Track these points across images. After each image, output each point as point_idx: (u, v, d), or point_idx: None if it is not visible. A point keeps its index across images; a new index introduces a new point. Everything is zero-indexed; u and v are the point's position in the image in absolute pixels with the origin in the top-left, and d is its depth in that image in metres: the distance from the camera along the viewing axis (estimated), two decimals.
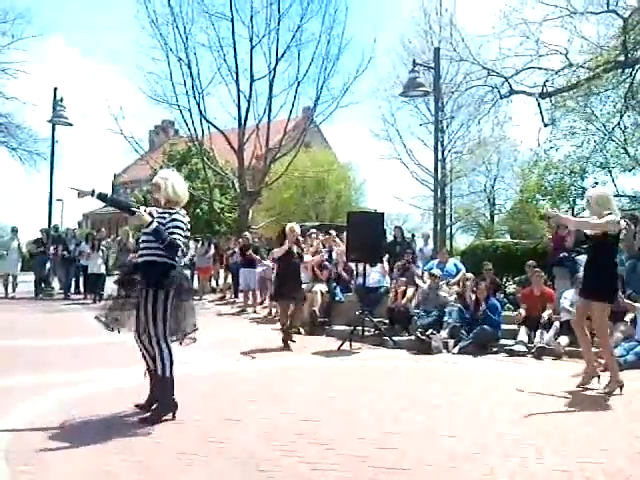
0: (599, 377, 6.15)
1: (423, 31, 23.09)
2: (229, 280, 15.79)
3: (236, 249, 14.70)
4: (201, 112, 20.41)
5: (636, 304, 7.85)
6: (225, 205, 25.35)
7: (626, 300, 8.01)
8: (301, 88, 20.43)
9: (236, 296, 15.00)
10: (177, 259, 4.78)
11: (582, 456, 3.90)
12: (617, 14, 15.53)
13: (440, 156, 20.88)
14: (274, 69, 20.16)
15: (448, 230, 27.96)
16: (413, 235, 14.53)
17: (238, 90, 20.24)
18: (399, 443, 4.14)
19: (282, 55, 20.10)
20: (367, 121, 36.51)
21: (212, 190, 23.53)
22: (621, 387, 5.90)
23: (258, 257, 13.55)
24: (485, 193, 33.60)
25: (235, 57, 19.92)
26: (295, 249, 9.15)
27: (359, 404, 5.32)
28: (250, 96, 20.26)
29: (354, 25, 45.30)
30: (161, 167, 24.58)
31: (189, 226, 4.82)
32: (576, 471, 3.63)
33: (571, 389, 6.05)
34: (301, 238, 10.06)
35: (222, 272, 16.46)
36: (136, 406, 4.76)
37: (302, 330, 10.49)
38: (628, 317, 7.99)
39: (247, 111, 20.42)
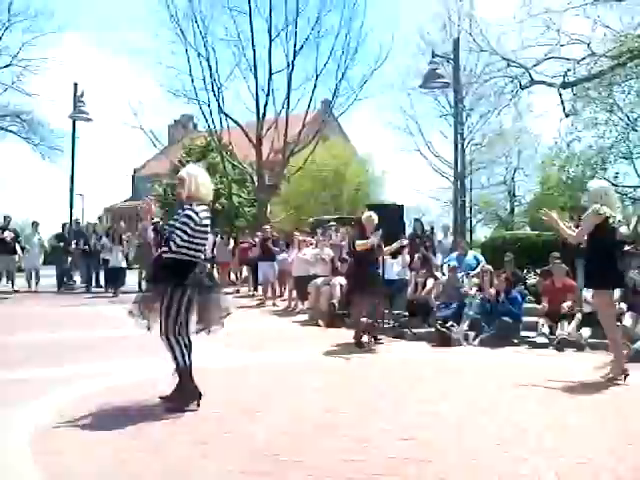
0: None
1: (442, 22, 22.89)
2: (244, 274, 15.85)
3: (256, 242, 14.72)
4: (220, 106, 20.53)
5: None
6: (244, 199, 25.44)
7: None
8: (319, 81, 20.48)
9: (255, 289, 15.05)
10: (200, 255, 4.75)
11: (599, 449, 3.85)
12: None
13: (460, 148, 20.72)
14: (292, 62, 20.19)
15: (468, 222, 27.75)
16: (432, 228, 14.40)
17: (257, 84, 20.32)
18: (421, 434, 4.11)
19: (301, 48, 20.13)
20: (386, 113, 36.46)
21: (231, 184, 23.62)
22: (625, 376, 5.84)
23: (277, 249, 13.58)
24: (505, 185, 33.28)
25: (254, 51, 20.01)
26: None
27: (378, 395, 5.31)
28: (269, 90, 20.33)
29: (372, 17, 45.00)
30: (180, 162, 24.90)
31: (208, 222, 4.78)
32: (599, 464, 3.58)
33: (594, 380, 5.98)
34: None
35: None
36: (160, 397, 4.79)
37: (321, 322, 10.52)
38: None
39: (266, 105, 20.48)
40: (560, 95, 17.00)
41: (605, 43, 16.02)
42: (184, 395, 4.69)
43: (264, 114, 20.69)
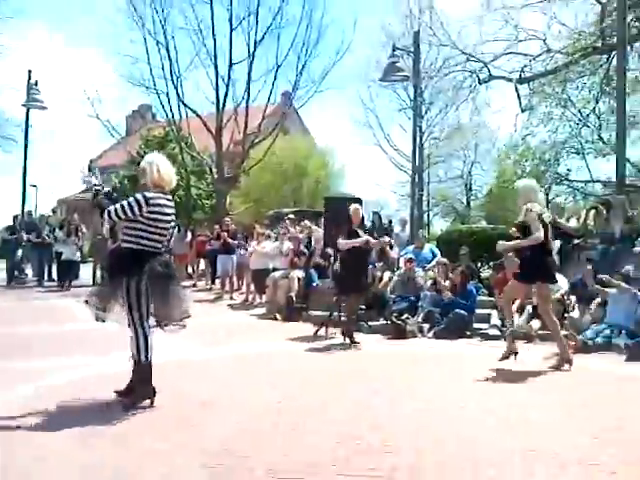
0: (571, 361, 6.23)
1: (403, 14, 22.96)
2: (202, 267, 15.70)
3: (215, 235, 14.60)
4: (179, 96, 20.24)
5: (606, 289, 7.95)
6: (202, 191, 25.17)
7: (596, 285, 8.13)
8: (280, 72, 20.35)
9: (213, 283, 14.93)
10: (158, 245, 4.66)
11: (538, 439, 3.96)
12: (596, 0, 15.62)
13: (418, 142, 20.92)
14: (253, 53, 20.01)
15: (426, 216, 28.09)
16: (390, 221, 14.56)
17: (217, 74, 20.07)
18: (378, 426, 4.14)
19: (262, 39, 19.94)
20: (347, 106, 36.48)
21: (189, 176, 23.33)
22: (570, 364, 6.12)
23: (236, 242, 13.50)
24: (462, 179, 33.77)
25: (214, 41, 19.74)
26: (362, 233, 8.23)
27: (335, 389, 5.32)
28: (229, 80, 20.11)
29: (334, 9, 44.95)
30: (137, 152, 24.47)
31: (167, 210, 4.68)
32: (546, 453, 3.68)
33: (543, 370, 6.14)
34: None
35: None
36: (115, 392, 4.71)
37: (278, 316, 10.52)
38: (596, 301, 8.09)
39: (225, 95, 20.27)
40: (517, 90, 17.32)
41: (560, 40, 16.40)
42: (138, 391, 4.61)
43: (224, 105, 20.48)
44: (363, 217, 8.49)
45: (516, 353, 6.29)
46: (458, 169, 33.18)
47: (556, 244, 9.57)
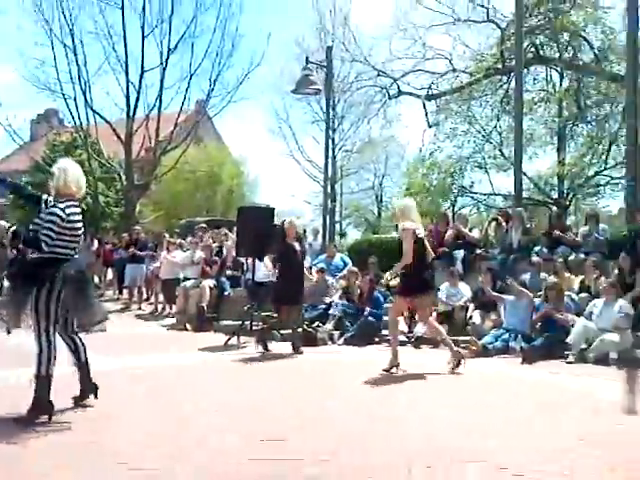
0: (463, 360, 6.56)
1: (317, 29, 23.38)
2: (109, 276, 15.24)
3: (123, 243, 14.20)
4: (87, 101, 19.63)
5: (503, 295, 8.41)
6: (111, 199, 24.44)
7: (493, 293, 8.59)
8: (194, 81, 20.18)
9: (120, 293, 14.50)
10: (71, 252, 4.57)
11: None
12: (496, 24, 16.58)
13: (331, 154, 21.30)
14: (166, 61, 19.73)
15: (338, 226, 28.56)
16: (305, 231, 14.69)
17: (127, 80, 19.62)
18: (282, 434, 4.17)
19: (175, 47, 19.70)
20: (262, 117, 36.50)
21: (97, 183, 22.59)
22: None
23: (145, 253, 13.21)
24: (373, 190, 34.60)
25: (125, 47, 19.31)
26: (298, 246, 8.32)
27: (243, 400, 5.29)
28: (140, 87, 19.70)
29: (249, 20, 45.01)
30: (42, 158, 23.41)
31: (77, 218, 4.60)
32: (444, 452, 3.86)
33: (439, 374, 6.42)
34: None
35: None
36: (73, 398, 4.69)
37: (189, 326, 10.38)
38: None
39: (137, 102, 19.85)
40: (424, 106, 18.06)
41: (464, 60, 17.29)
42: (36, 406, 4.42)
43: (134, 111, 20.04)
44: (298, 231, 8.56)
45: (398, 364, 6.48)
46: (369, 181, 33.99)
47: (460, 253, 10.07)
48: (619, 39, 14.45)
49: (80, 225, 4.67)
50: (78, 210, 4.65)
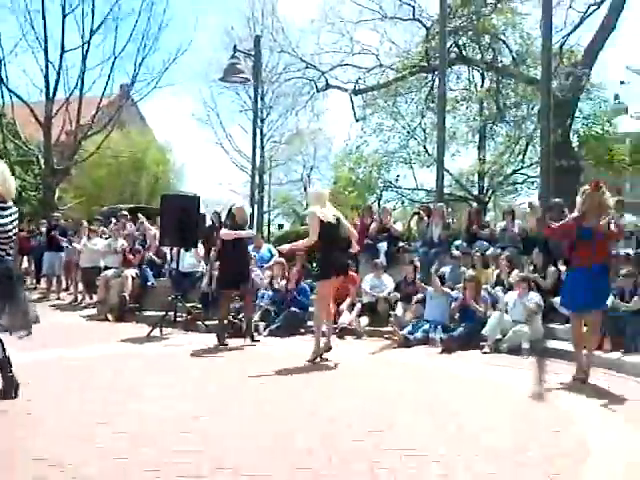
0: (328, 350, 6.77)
1: (246, 18, 23.18)
2: (24, 265, 14.63)
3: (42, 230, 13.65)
4: (2, 80, 18.68)
5: (425, 286, 8.69)
6: (27, 183, 23.38)
7: (419, 283, 8.86)
8: (118, 64, 19.59)
9: (37, 282, 13.95)
10: (2, 253, 4.52)
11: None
12: (421, 23, 16.99)
13: (259, 143, 21.22)
14: (88, 42, 19.04)
15: (266, 216, 28.52)
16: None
17: (47, 60, 18.81)
18: (200, 429, 4.19)
19: (98, 27, 19.04)
20: (189, 104, 35.76)
21: (13, 166, 21.55)
22: (321, 356, 6.64)
23: (65, 240, 12.76)
24: (302, 182, 34.72)
25: (45, 25, 18.49)
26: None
27: (163, 391, 5.24)
28: (60, 67, 18.93)
29: (177, 4, 43.95)
30: None
31: (12, 218, 4.61)
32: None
33: (356, 363, 6.60)
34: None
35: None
36: None
37: (110, 317, 10.14)
38: (416, 297, 8.82)
39: (56, 83, 19.07)
40: (351, 101, 18.29)
41: (391, 57, 17.62)
42: None
43: (54, 93, 19.24)
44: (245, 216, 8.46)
45: (321, 355, 6.66)
46: (298, 173, 34.08)
47: (383, 246, 10.32)
48: (535, 44, 15.14)
49: (11, 227, 4.62)
50: (7, 212, 4.57)
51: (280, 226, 30.88)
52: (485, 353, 7.34)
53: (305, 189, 34.53)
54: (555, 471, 3.40)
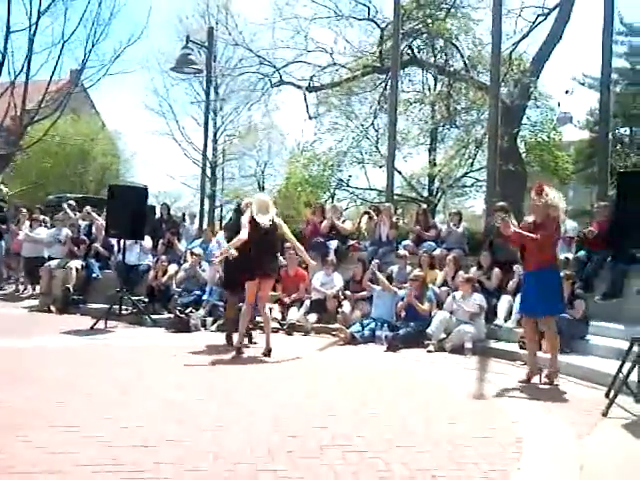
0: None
1: (200, 9, 22.84)
2: None
3: None
4: None
5: (373, 285, 8.80)
6: None
7: (367, 282, 8.96)
8: (68, 49, 19.03)
9: None
10: None
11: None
12: (376, 24, 17.14)
13: (212, 136, 21.03)
14: (36, 23, 18.40)
15: (218, 210, 28.23)
16: (184, 214, 14.46)
17: None
18: (140, 421, 4.14)
19: (46, 9, 18.41)
20: (141, 93, 34.92)
21: None
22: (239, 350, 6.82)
23: (4, 227, 12.34)
24: (255, 177, 34.53)
25: None
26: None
27: (104, 384, 5.19)
28: (5, 49, 18.24)
29: None
30: None
31: None
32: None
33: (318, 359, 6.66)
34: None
35: None
36: None
37: (53, 308, 9.90)
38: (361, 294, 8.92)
39: (1, 65, 18.35)
40: (305, 98, 18.29)
41: (345, 56, 17.70)
42: None
43: None
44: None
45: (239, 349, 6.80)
46: (251, 167, 33.85)
47: (333, 244, 10.39)
48: (486, 50, 15.47)
49: None
50: None
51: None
52: (429, 352, 7.48)
53: (259, 184, 34.40)
54: (490, 468, 3.51)
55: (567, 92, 22.43)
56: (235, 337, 7.11)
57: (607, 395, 5.11)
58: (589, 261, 8.19)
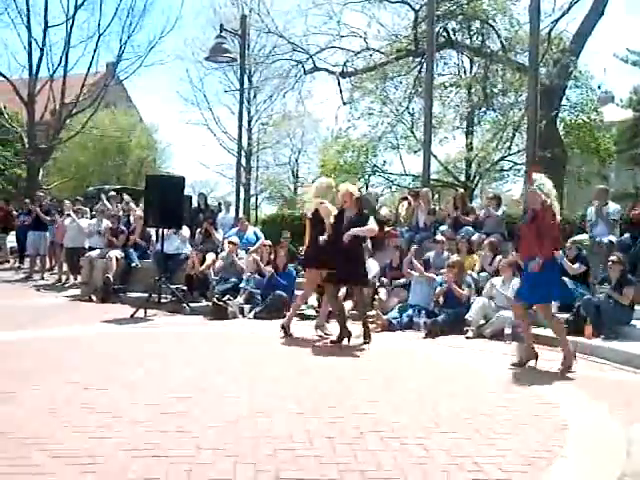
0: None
1: None
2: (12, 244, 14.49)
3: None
4: None
5: (412, 272, 8.72)
6: (8, 161, 23.08)
7: (406, 269, 8.88)
8: (104, 42, 19.37)
9: (21, 262, 13.82)
10: None
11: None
12: (410, 6, 16.86)
13: (246, 125, 21.11)
14: (73, 17, 18.75)
15: (253, 199, 28.42)
16: (220, 203, 14.59)
17: (30, 36, 18.49)
18: (186, 408, 4.17)
19: (82, 3, 18.73)
20: (176, 84, 35.33)
21: None
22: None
23: (49, 219, 12.65)
24: (289, 165, 34.61)
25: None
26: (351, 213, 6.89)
27: (144, 372, 5.24)
28: (44, 44, 18.63)
29: None
30: None
31: None
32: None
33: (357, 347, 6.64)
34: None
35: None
36: None
37: (94, 297, 10.10)
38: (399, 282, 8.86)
39: (40, 60, 18.82)
40: (339, 84, 18.17)
41: (379, 40, 17.49)
42: None
43: (37, 70, 18.97)
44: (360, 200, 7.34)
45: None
46: (285, 156, 33.93)
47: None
48: (524, 30, 15.10)
49: None
50: None
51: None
52: (468, 338, 7.40)
53: (293, 173, 34.47)
54: (532, 455, 3.45)
55: (605, 70, 21.70)
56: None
57: None
58: (634, 244, 7.97)
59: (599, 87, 19.68)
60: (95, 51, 19.21)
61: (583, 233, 8.93)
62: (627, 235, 8.18)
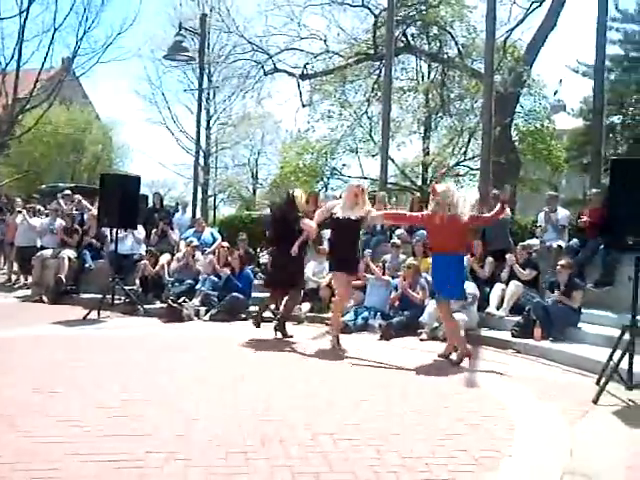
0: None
1: None
2: None
3: None
4: None
5: (368, 275, 8.79)
6: None
7: (362, 272, 8.94)
8: (60, 37, 18.96)
9: None
10: None
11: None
12: (370, 10, 17.04)
13: (205, 125, 20.94)
14: (26, 10, 18.25)
15: (211, 200, 28.17)
16: (177, 203, 14.43)
17: None
18: (138, 412, 4.15)
19: None
20: (134, 81, 34.72)
21: None
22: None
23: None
24: (249, 167, 34.43)
25: None
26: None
27: (97, 374, 5.17)
28: None
29: None
30: None
31: None
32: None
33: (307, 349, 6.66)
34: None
35: None
36: None
37: (45, 298, 9.87)
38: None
39: None
40: (299, 86, 18.21)
41: (339, 43, 17.61)
42: None
43: None
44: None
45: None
46: (245, 157, 33.76)
47: (327, 233, 10.35)
48: (480, 37, 15.42)
49: None
50: None
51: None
52: (422, 340, 7.50)
53: (252, 174, 34.29)
54: (481, 455, 3.53)
55: (561, 81, 22.34)
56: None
57: (598, 382, 5.15)
58: (581, 249, 8.22)
59: (555, 93, 20.19)
60: (50, 46, 18.78)
61: (534, 238, 9.16)
62: (575, 240, 8.43)
